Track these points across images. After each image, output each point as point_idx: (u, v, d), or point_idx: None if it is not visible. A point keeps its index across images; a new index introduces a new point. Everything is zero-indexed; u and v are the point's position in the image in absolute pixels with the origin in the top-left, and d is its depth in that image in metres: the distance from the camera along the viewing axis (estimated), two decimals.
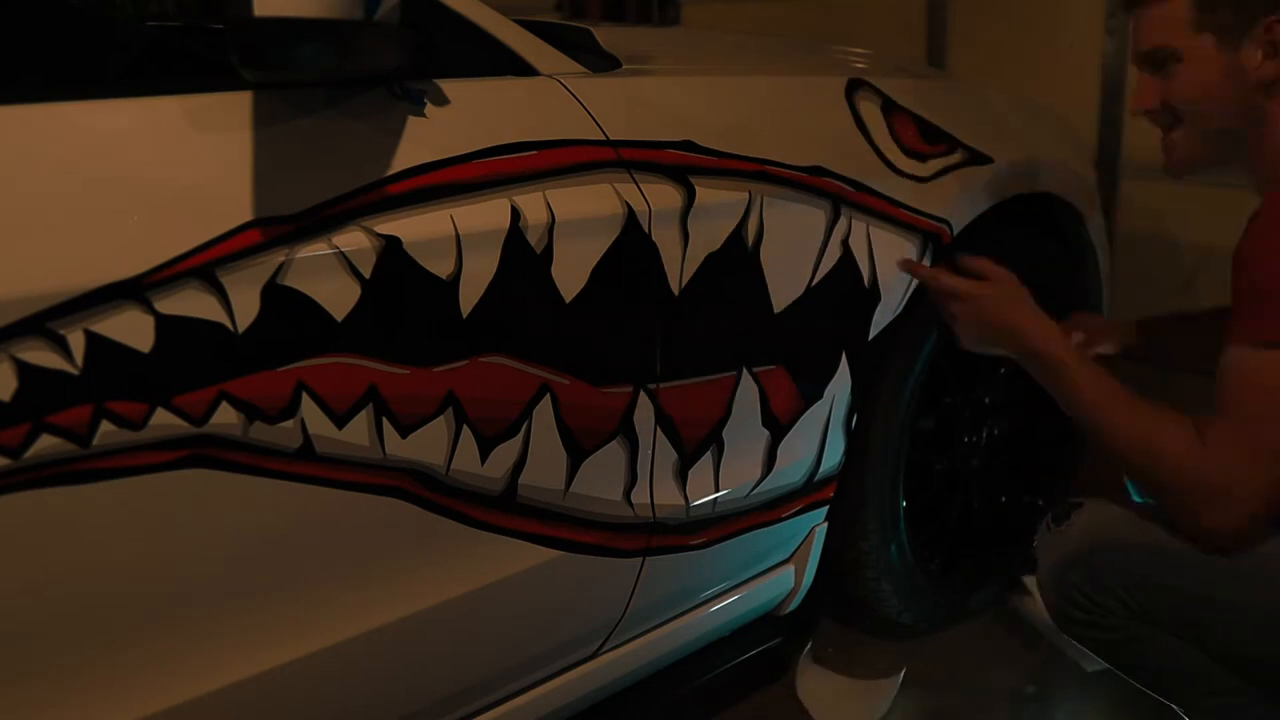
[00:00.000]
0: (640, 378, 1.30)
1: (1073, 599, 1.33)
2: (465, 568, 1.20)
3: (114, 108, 1.00)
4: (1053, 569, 1.36)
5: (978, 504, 1.92)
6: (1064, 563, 1.34)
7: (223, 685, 1.04)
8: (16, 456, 0.88)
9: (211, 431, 0.98)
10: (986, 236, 1.75)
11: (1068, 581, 1.33)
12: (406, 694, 1.21)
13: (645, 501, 1.35)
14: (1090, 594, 1.31)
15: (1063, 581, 1.34)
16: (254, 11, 0.93)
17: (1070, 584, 1.33)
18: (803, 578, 1.64)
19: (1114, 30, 2.85)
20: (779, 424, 1.48)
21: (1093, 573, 1.31)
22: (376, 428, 1.08)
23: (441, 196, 1.12)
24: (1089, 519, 1.36)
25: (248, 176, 1.01)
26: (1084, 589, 1.32)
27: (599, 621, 1.38)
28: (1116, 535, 1.32)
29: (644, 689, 1.54)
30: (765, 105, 1.54)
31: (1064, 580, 1.34)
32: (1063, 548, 1.35)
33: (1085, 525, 1.35)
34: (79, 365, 0.90)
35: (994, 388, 1.91)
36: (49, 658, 0.95)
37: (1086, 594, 1.31)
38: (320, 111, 1.09)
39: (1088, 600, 1.31)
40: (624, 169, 1.27)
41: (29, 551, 0.92)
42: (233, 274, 0.98)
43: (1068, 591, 1.33)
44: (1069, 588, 1.33)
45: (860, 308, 1.54)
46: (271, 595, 1.07)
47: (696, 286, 1.33)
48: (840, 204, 1.49)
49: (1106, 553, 1.31)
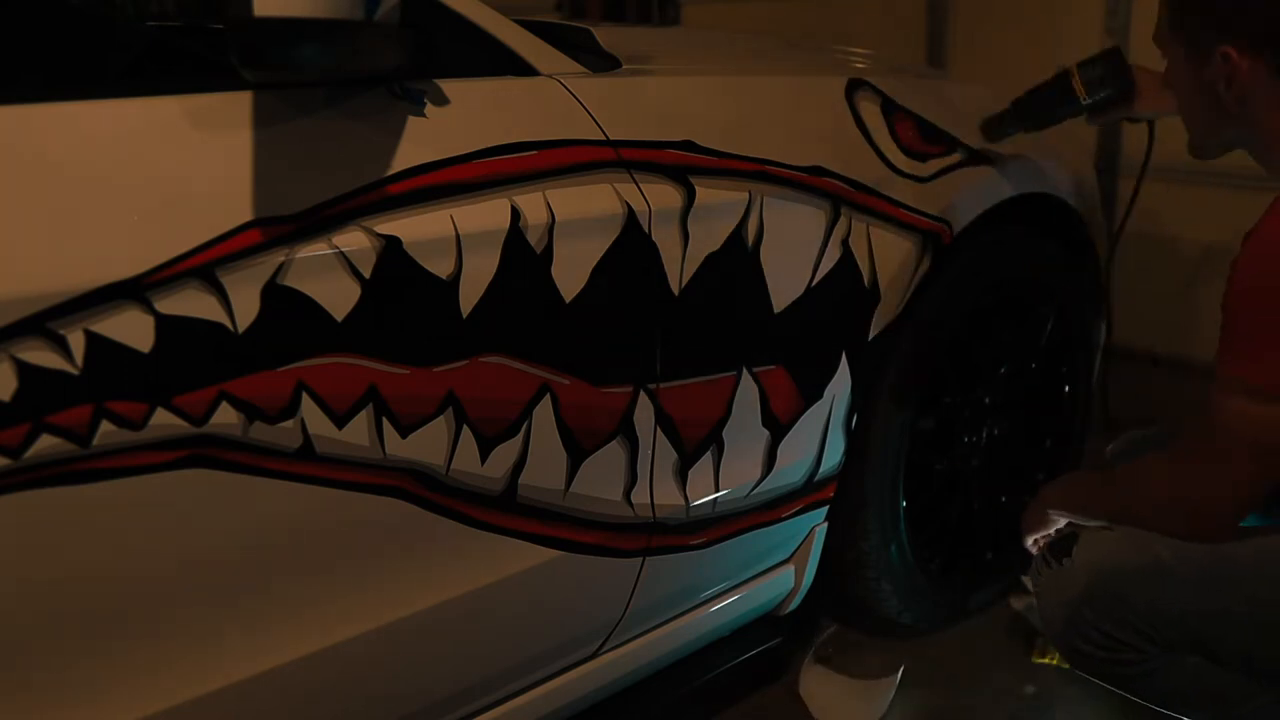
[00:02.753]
0: (640, 378, 1.30)
1: (1089, 637, 1.29)
2: (465, 568, 1.20)
3: (114, 108, 1.00)
4: (1062, 609, 1.32)
5: (978, 504, 1.92)
6: (1074, 601, 1.30)
7: (223, 685, 1.04)
8: (16, 456, 0.88)
9: (211, 431, 0.98)
10: (986, 236, 1.75)
11: (1084, 621, 1.29)
12: (407, 694, 1.21)
13: (645, 501, 1.35)
14: (1109, 630, 1.28)
15: (1077, 621, 1.30)
16: (254, 11, 0.93)
17: (1086, 622, 1.29)
18: (803, 578, 1.64)
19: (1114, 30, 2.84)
20: (779, 424, 1.48)
21: (1107, 607, 1.27)
22: (376, 428, 1.08)
23: (441, 196, 1.12)
24: (1090, 552, 1.32)
25: (248, 176, 1.01)
26: (1101, 626, 1.28)
27: (599, 621, 1.38)
28: (1121, 564, 1.29)
29: (644, 689, 1.53)
30: (765, 105, 1.54)
31: (1078, 619, 1.30)
32: (1069, 586, 1.31)
33: (1087, 560, 1.31)
34: (79, 365, 0.90)
35: (994, 388, 1.91)
36: (49, 658, 0.95)
37: (1104, 631, 1.28)
38: (320, 111, 1.09)
39: (1105, 636, 1.28)
40: (624, 169, 1.27)
41: (29, 551, 0.92)
42: (233, 274, 0.98)
43: (1084, 631, 1.29)
44: (1084, 626, 1.29)
45: (860, 308, 1.54)
46: (271, 595, 1.07)
47: (696, 286, 1.33)
48: (840, 204, 1.49)
49: (1115, 585, 1.28)
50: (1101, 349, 2.09)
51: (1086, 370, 2.07)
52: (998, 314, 1.85)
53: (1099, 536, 1.34)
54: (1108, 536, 1.34)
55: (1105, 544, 1.33)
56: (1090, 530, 1.37)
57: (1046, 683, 1.75)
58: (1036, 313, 1.93)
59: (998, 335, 1.88)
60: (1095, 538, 1.34)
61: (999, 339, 1.89)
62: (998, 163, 1.75)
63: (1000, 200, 1.75)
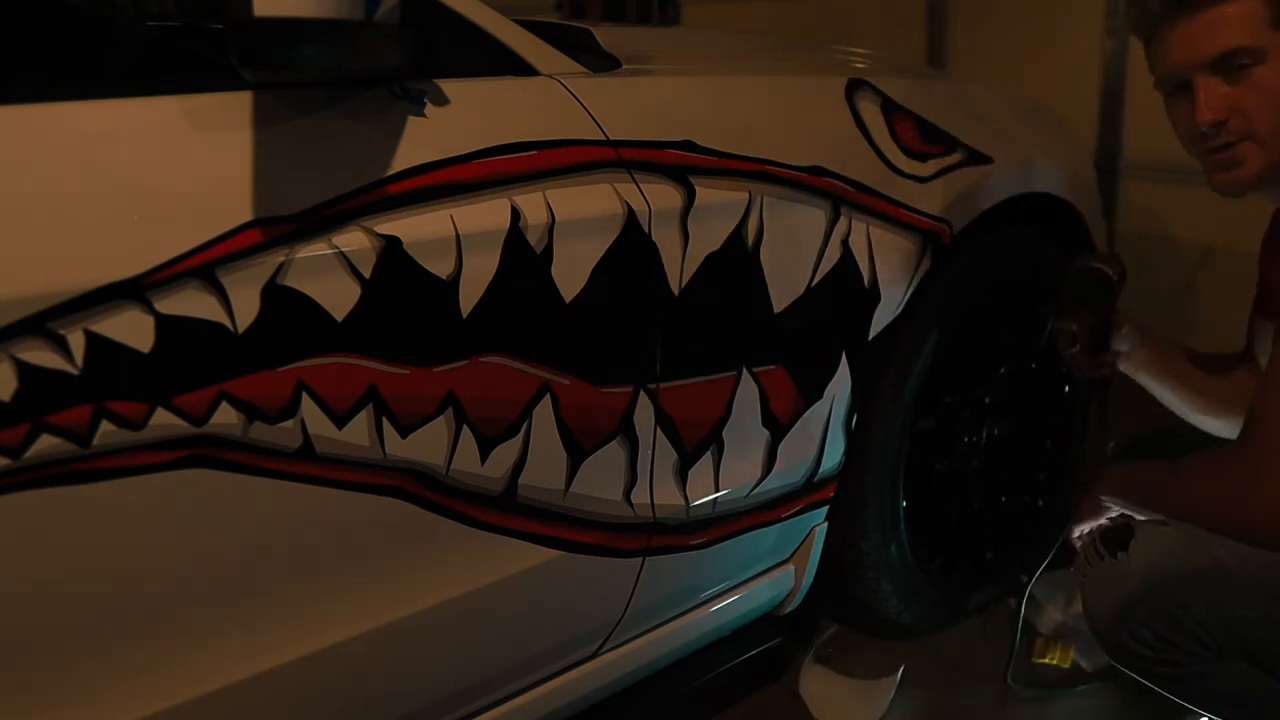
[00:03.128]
0: (640, 378, 1.30)
1: (1139, 636, 1.26)
2: (465, 568, 1.20)
3: (114, 108, 1.00)
4: (1115, 605, 1.28)
5: (978, 504, 1.92)
6: (1128, 599, 1.27)
7: (223, 685, 1.04)
8: (16, 456, 0.88)
9: (211, 431, 0.98)
10: (986, 236, 1.75)
11: (1135, 619, 1.26)
12: (407, 694, 1.21)
13: (645, 501, 1.35)
14: (1163, 632, 1.25)
15: (1129, 619, 1.27)
16: (254, 11, 0.93)
17: (1138, 621, 1.26)
18: (803, 578, 1.64)
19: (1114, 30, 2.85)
20: (779, 424, 1.48)
21: (1163, 608, 1.24)
22: (376, 428, 1.08)
23: (441, 196, 1.12)
24: (1147, 548, 1.28)
25: (248, 176, 1.01)
26: (1154, 627, 1.25)
27: (599, 621, 1.38)
28: (1180, 565, 1.25)
29: (644, 689, 1.53)
30: (765, 105, 1.54)
31: (1131, 618, 1.27)
32: (1124, 583, 1.27)
33: (1145, 556, 1.27)
34: (79, 365, 0.90)
35: (994, 388, 1.91)
36: (49, 658, 0.95)
37: (1157, 631, 1.25)
38: (320, 111, 1.09)
39: (1157, 638, 1.25)
40: (624, 169, 1.27)
41: (29, 551, 0.92)
42: (233, 274, 0.98)
43: (1135, 630, 1.26)
44: (1137, 626, 1.26)
45: (860, 308, 1.54)
46: (271, 595, 1.07)
47: (696, 286, 1.33)
48: (840, 204, 1.49)
49: (1174, 586, 1.24)
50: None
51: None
52: (998, 314, 1.85)
53: (1157, 533, 1.30)
54: (1166, 533, 1.29)
55: (1164, 541, 1.28)
56: (1147, 525, 1.33)
57: (1046, 682, 1.75)
58: (1036, 313, 1.93)
59: (998, 335, 1.88)
60: (1153, 533, 1.30)
61: (999, 339, 1.89)
62: (998, 162, 1.75)
63: (1000, 200, 1.75)
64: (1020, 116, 1.99)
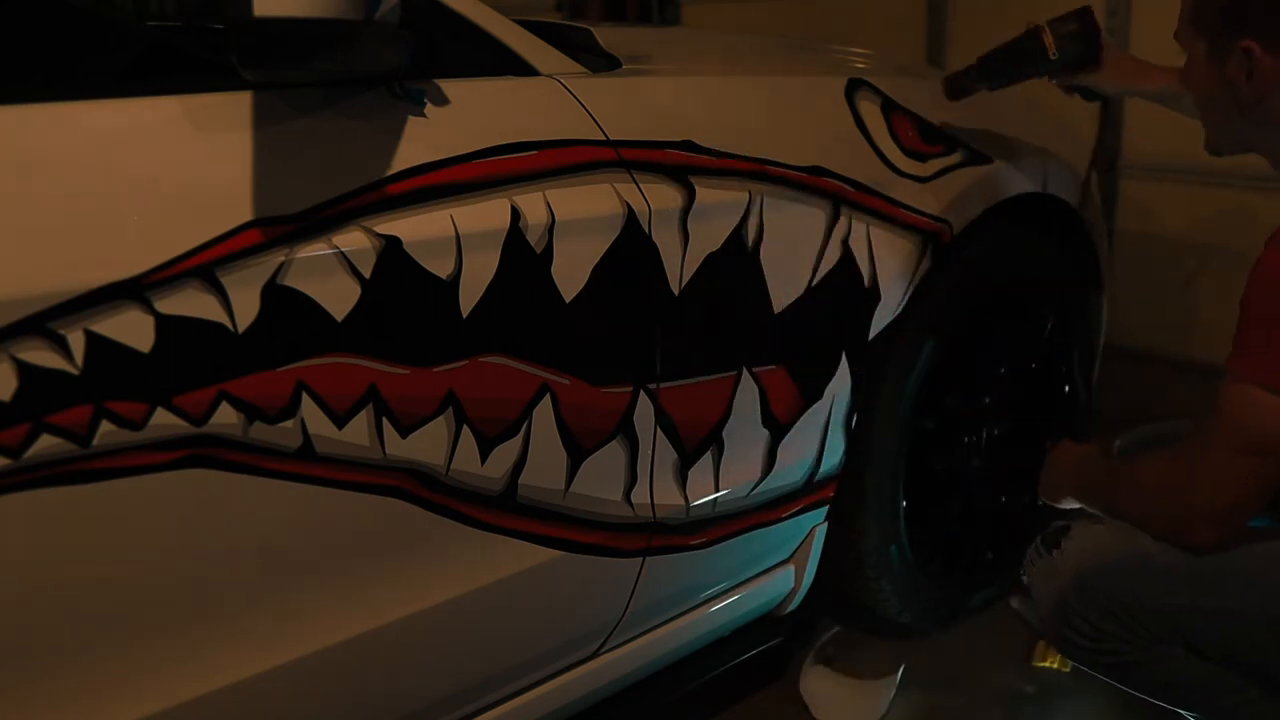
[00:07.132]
0: (640, 378, 1.30)
1: (1076, 627, 1.32)
2: (465, 568, 1.20)
3: (114, 108, 1.00)
4: (1051, 598, 1.35)
5: (978, 504, 1.92)
6: (1062, 591, 1.33)
7: (223, 685, 1.04)
8: (16, 456, 0.88)
9: (211, 431, 0.98)
10: (986, 236, 1.75)
11: (1069, 610, 1.32)
12: (407, 693, 1.21)
13: (645, 501, 1.35)
14: (1094, 621, 1.30)
15: (1064, 610, 1.33)
16: (254, 11, 0.93)
17: (1072, 612, 1.32)
18: (803, 578, 1.64)
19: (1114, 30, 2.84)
20: (779, 424, 1.48)
21: (1093, 598, 1.30)
22: (376, 428, 1.08)
23: (441, 196, 1.12)
24: (1080, 543, 1.35)
25: (248, 176, 1.01)
26: (1087, 616, 1.30)
27: (599, 621, 1.38)
28: (1107, 557, 1.32)
29: (644, 689, 1.53)
30: (765, 105, 1.54)
31: (1065, 609, 1.33)
32: (1058, 576, 1.34)
33: (1077, 550, 1.34)
34: (79, 365, 0.90)
35: (994, 388, 1.91)
36: (49, 658, 0.95)
37: (1090, 621, 1.30)
38: (320, 111, 1.09)
39: (1091, 627, 1.30)
40: (624, 169, 1.27)
41: (29, 551, 0.92)
42: (233, 274, 0.98)
43: (1070, 620, 1.32)
44: (1071, 615, 1.32)
45: (860, 308, 1.54)
46: (271, 595, 1.07)
47: (696, 286, 1.33)
48: (840, 204, 1.49)
49: (1102, 577, 1.30)
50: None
51: (1086, 370, 2.07)
52: (998, 314, 1.85)
53: (1090, 529, 1.37)
54: (1098, 530, 1.36)
55: (1095, 536, 1.35)
56: (1083, 522, 1.39)
57: (1046, 683, 1.75)
58: (1036, 313, 1.93)
59: (998, 335, 1.88)
60: (1086, 530, 1.37)
61: (999, 339, 1.89)
62: (997, 162, 1.75)
63: (1000, 200, 1.75)
64: (1020, 116, 1.99)
